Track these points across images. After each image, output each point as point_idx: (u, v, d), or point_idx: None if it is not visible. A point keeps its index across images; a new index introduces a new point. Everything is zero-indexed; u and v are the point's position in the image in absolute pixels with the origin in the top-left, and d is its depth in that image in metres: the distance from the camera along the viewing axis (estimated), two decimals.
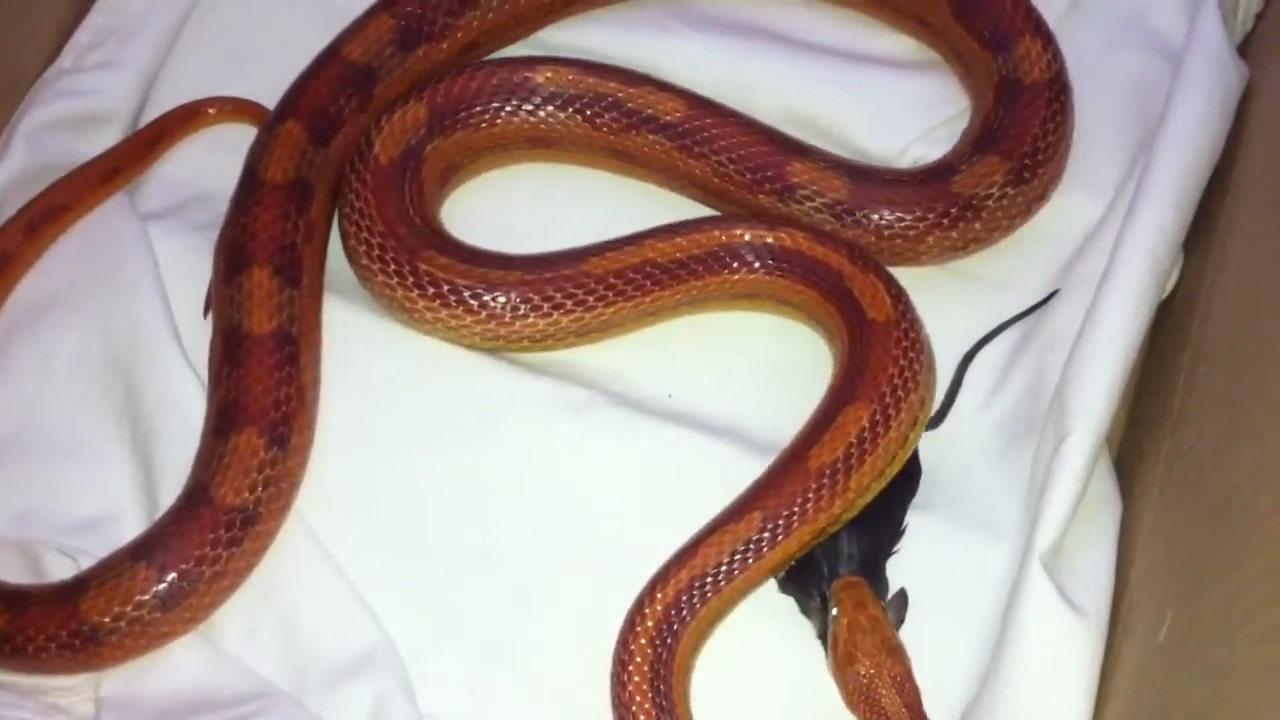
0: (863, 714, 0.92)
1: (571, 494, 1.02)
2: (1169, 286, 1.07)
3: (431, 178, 1.11)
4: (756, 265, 1.06)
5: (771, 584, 0.99)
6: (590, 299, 1.04)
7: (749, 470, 1.01)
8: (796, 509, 0.96)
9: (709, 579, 0.95)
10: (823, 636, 0.95)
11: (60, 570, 0.98)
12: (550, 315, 1.04)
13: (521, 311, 1.04)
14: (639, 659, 0.93)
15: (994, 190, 1.07)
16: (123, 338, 1.07)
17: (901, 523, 1.00)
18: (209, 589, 0.96)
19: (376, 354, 1.07)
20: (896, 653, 0.92)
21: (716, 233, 1.06)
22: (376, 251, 1.05)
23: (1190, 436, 0.96)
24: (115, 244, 1.10)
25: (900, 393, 0.98)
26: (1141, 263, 1.02)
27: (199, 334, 1.07)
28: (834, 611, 0.94)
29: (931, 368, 1.02)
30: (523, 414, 1.05)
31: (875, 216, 1.07)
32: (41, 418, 1.05)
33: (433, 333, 1.06)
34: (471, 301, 1.04)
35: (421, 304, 1.04)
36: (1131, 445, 1.03)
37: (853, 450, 0.96)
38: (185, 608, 0.95)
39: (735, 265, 1.06)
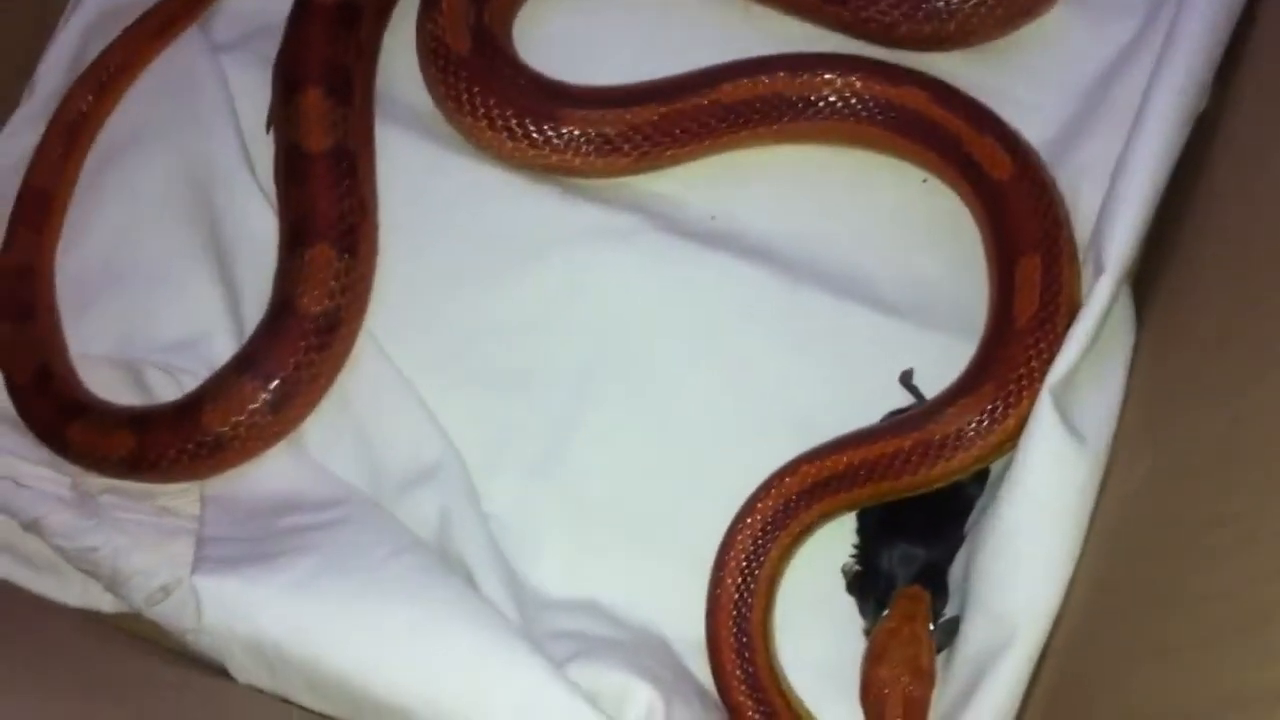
0: (867, 711, 0.97)
1: (621, 316, 1.10)
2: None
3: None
4: (878, 118, 1.10)
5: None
6: (685, 135, 1.10)
7: (785, 292, 1.09)
8: (1023, 369, 0.99)
9: (944, 446, 0.99)
10: (869, 633, 1.00)
11: (162, 386, 1.09)
12: (644, 150, 1.10)
13: (627, 146, 1.10)
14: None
15: None
16: (202, 167, 1.14)
17: (961, 536, 1.03)
18: (308, 390, 1.07)
19: (433, 178, 1.14)
20: (920, 674, 0.96)
21: (833, 76, 1.10)
22: (452, 80, 1.11)
23: (1198, 273, 0.99)
24: (191, 79, 1.17)
25: (1054, 233, 1.03)
26: (1177, 101, 1.03)
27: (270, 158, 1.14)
28: (885, 613, 0.99)
29: (1064, 204, 1.06)
30: (573, 239, 1.12)
31: None
32: (134, 244, 1.14)
33: (501, 159, 1.12)
34: (550, 134, 1.09)
35: (496, 135, 1.10)
36: (1139, 275, 1.06)
37: (1047, 296, 1.00)
38: (291, 409, 1.06)
39: (849, 114, 1.10)
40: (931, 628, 0.99)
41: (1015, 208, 1.04)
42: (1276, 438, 0.78)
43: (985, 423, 0.99)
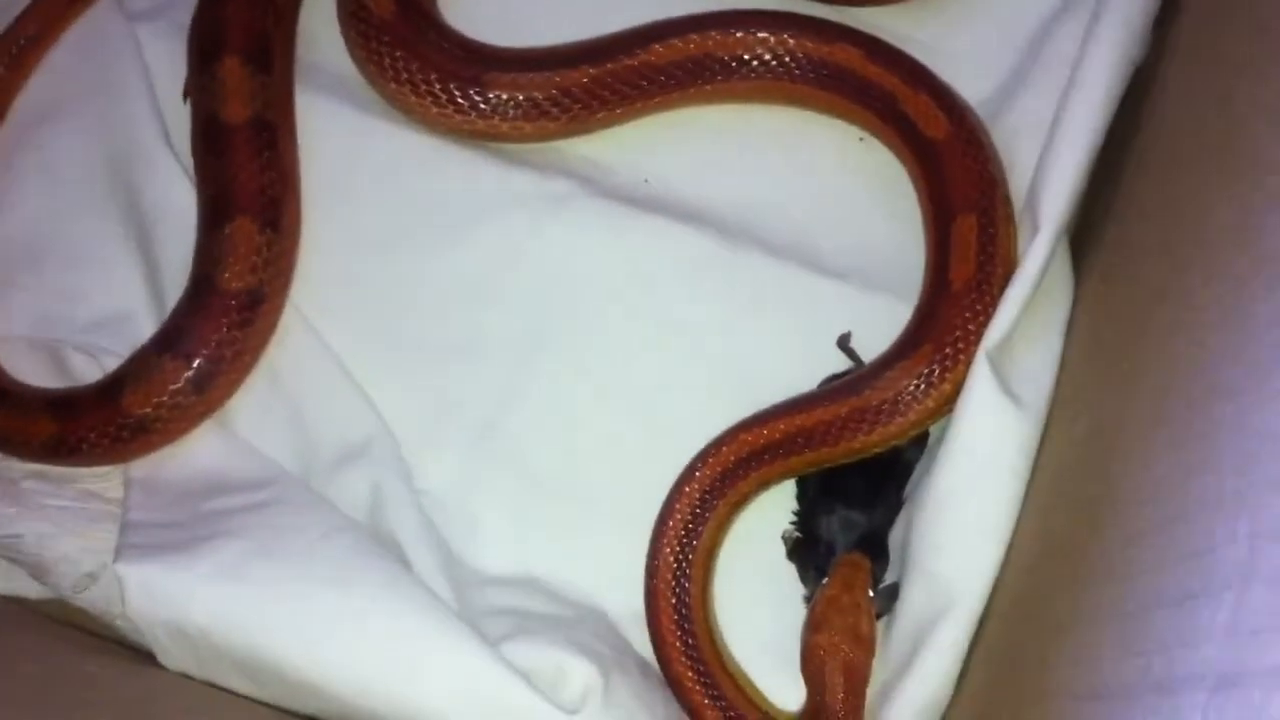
0: (807, 679, 0.97)
1: (556, 285, 1.08)
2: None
3: None
4: (811, 76, 1.07)
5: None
6: (615, 97, 1.08)
7: (722, 256, 1.07)
8: (959, 332, 0.97)
9: (880, 411, 0.98)
10: (809, 601, 1.00)
11: (83, 368, 1.07)
12: (575, 113, 1.08)
13: (542, 111, 1.07)
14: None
15: None
16: (120, 141, 1.11)
17: (901, 501, 1.02)
18: (232, 368, 1.04)
19: (358, 148, 1.11)
20: (861, 641, 0.95)
21: (766, 35, 1.07)
22: (375, 44, 1.08)
23: (1136, 226, 0.98)
24: (105, 50, 1.13)
25: (990, 192, 1.01)
26: (1113, 54, 1.01)
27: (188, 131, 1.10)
28: (825, 580, 0.98)
29: (1000, 162, 1.04)
30: (505, 206, 1.09)
31: None
32: (51, 223, 1.11)
33: (427, 125, 1.10)
34: (476, 99, 1.07)
35: (421, 101, 1.07)
36: (1077, 230, 1.05)
37: (983, 257, 0.99)
38: (215, 388, 1.04)
39: (783, 72, 1.08)
40: (872, 594, 0.98)
41: (950, 167, 1.02)
42: (1199, 407, 0.76)
43: (922, 387, 0.98)
